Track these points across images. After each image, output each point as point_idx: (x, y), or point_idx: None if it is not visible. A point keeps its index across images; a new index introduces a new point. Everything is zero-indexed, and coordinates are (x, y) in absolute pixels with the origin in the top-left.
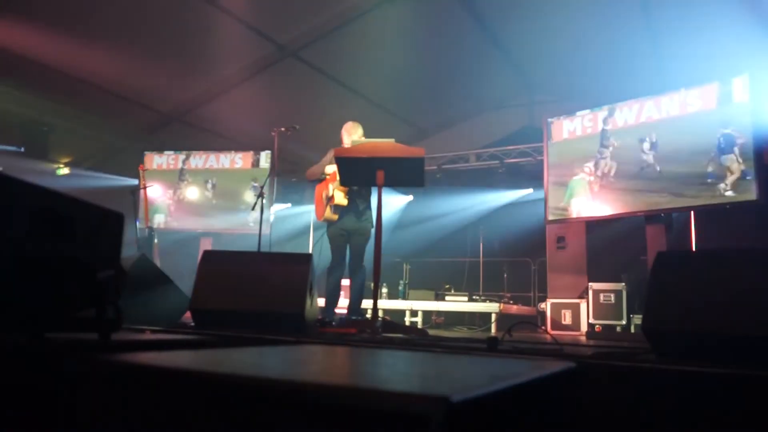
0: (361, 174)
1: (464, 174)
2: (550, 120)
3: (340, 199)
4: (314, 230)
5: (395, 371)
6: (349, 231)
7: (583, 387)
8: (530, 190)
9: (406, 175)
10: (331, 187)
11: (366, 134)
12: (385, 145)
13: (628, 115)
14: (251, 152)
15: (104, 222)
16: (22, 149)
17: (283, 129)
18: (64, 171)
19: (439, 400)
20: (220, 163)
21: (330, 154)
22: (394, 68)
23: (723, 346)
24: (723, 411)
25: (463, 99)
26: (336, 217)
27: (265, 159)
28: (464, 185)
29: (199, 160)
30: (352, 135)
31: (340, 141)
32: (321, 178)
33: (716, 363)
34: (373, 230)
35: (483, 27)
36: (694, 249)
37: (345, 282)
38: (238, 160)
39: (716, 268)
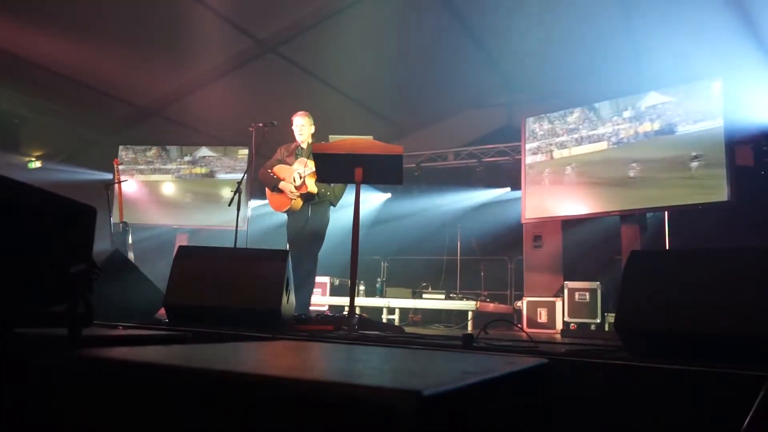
0: (339, 170)
1: (442, 172)
2: (528, 119)
3: (312, 186)
4: None
5: (369, 366)
6: (311, 222)
7: (556, 383)
8: (507, 189)
9: (384, 172)
10: (297, 176)
11: (345, 131)
12: (364, 141)
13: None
14: (229, 147)
15: (76, 215)
16: None
17: (261, 125)
18: (36, 164)
19: (411, 393)
20: (197, 159)
21: (280, 152)
22: (374, 65)
23: (693, 344)
24: (692, 407)
25: (442, 97)
26: (301, 204)
27: (242, 155)
28: (442, 183)
29: (175, 155)
30: (304, 125)
31: (291, 134)
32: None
33: (686, 360)
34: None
35: (463, 25)
36: (667, 249)
37: (319, 279)
38: (216, 156)
39: (688, 268)
